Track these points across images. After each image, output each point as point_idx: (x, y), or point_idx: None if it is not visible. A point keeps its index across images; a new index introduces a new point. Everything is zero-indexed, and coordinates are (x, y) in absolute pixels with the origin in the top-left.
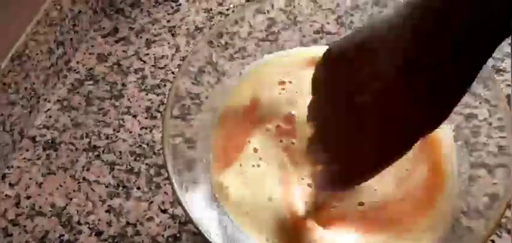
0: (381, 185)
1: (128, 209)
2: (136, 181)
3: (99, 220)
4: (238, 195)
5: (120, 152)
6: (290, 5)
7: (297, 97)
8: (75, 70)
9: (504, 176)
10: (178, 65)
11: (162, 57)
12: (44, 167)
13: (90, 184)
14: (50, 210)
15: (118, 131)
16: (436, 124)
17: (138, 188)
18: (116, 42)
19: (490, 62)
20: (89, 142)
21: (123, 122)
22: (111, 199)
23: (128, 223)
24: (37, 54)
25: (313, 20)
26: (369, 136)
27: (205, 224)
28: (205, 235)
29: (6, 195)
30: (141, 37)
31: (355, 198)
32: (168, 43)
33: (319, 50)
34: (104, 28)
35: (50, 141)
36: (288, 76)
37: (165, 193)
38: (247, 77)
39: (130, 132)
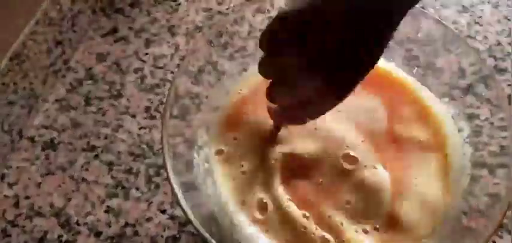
0: None
1: (127, 210)
2: (135, 181)
3: (98, 220)
4: None
5: (119, 152)
6: None
7: None
8: (74, 70)
9: (505, 177)
10: (178, 65)
11: (162, 56)
12: (43, 167)
13: (89, 184)
14: (49, 211)
15: (117, 131)
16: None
17: (137, 189)
18: (115, 41)
19: (492, 62)
20: (88, 142)
21: (122, 122)
22: (110, 199)
23: (127, 224)
24: (36, 53)
25: None
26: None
27: (205, 225)
28: (205, 236)
29: (4, 195)
30: (140, 36)
31: None
32: (168, 42)
33: None
34: (103, 27)
35: (48, 141)
36: None
37: (164, 193)
38: None
39: (130, 132)
